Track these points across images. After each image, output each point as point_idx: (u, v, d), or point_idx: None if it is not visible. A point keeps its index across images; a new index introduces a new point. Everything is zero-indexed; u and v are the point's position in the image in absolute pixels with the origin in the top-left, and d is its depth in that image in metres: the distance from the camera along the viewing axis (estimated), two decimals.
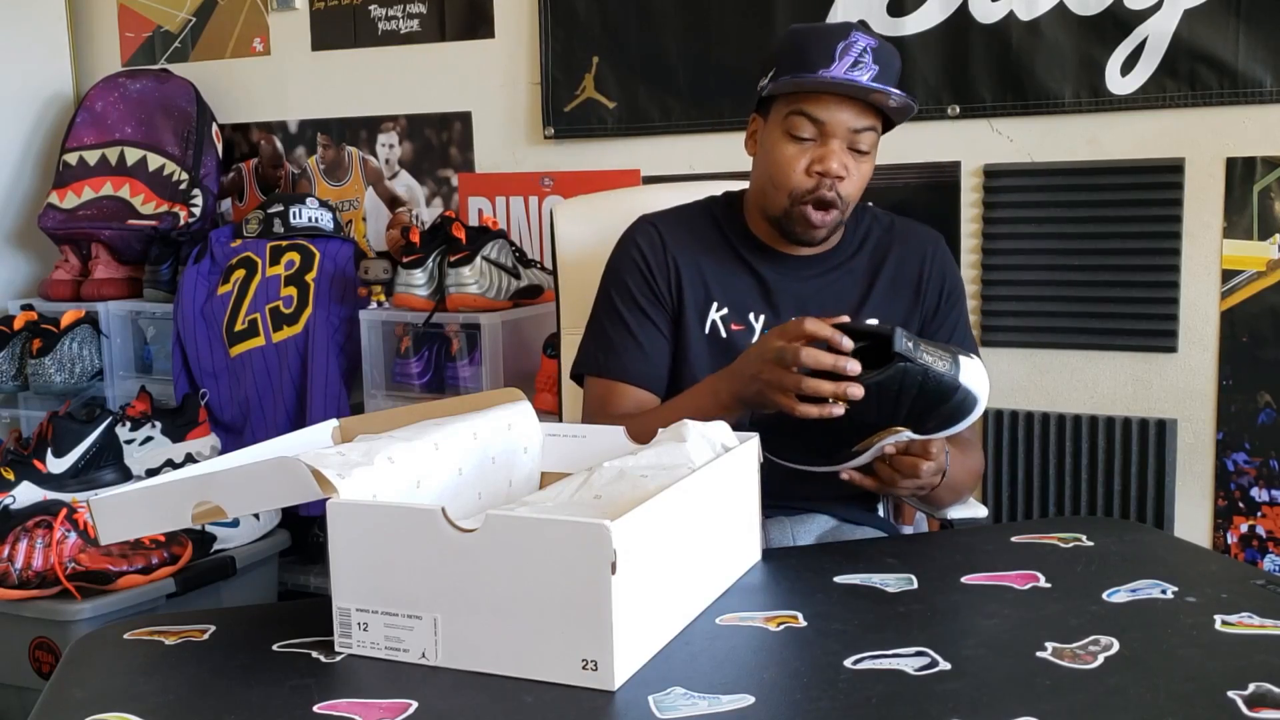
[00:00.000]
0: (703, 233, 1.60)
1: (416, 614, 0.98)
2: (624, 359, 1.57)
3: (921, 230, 1.64)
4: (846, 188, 1.48)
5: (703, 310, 1.56)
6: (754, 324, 1.56)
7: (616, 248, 1.63)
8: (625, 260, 1.60)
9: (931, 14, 2.37)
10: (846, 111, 1.45)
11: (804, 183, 1.48)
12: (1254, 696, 0.88)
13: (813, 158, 1.47)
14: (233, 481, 1.03)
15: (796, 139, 1.47)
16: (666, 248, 1.58)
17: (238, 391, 2.69)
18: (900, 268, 1.59)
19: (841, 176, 1.47)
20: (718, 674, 0.95)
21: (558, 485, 1.13)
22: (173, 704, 0.94)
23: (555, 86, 2.72)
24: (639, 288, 1.57)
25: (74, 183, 2.97)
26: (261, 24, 3.08)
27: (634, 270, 1.58)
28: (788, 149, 1.48)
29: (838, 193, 1.48)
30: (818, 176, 1.47)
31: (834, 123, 1.46)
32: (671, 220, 1.62)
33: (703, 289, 1.57)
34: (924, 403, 1.23)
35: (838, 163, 1.46)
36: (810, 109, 1.46)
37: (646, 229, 1.61)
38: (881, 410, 1.24)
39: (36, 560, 1.99)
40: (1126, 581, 1.14)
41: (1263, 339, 2.21)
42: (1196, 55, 2.18)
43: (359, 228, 3.02)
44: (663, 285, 1.57)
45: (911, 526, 1.91)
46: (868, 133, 1.48)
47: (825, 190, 1.47)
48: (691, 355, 1.56)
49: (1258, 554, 2.25)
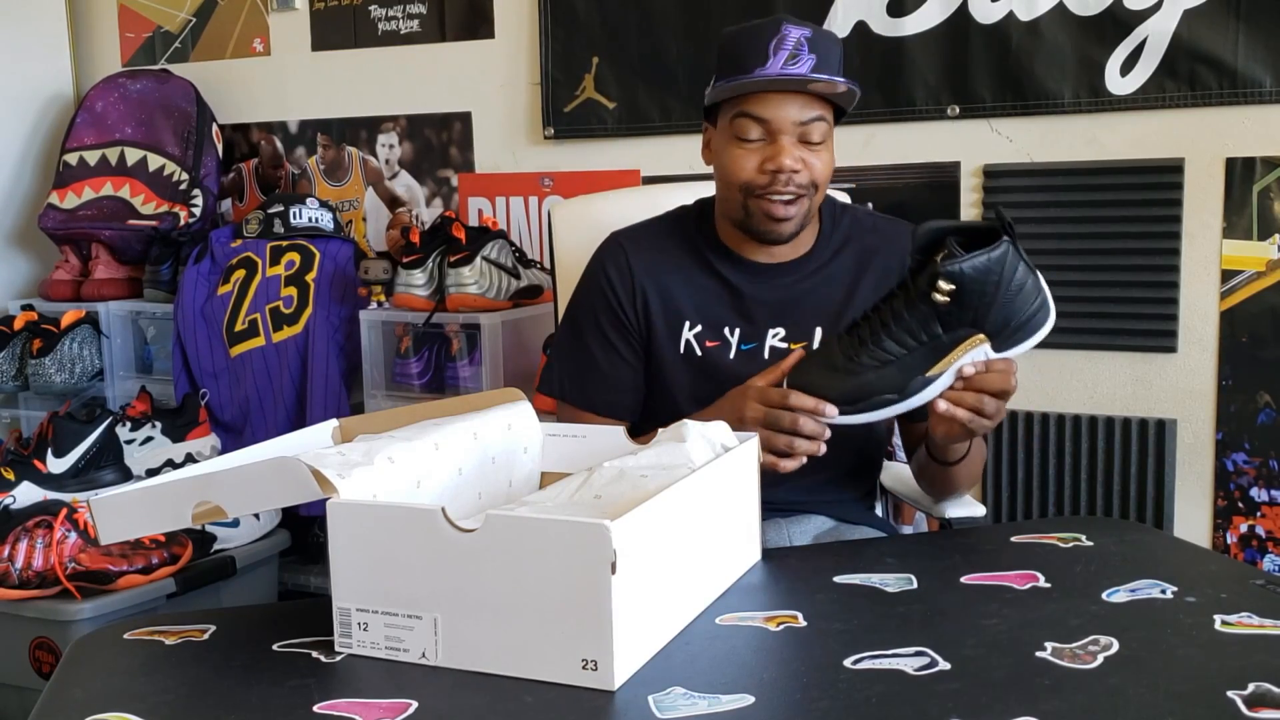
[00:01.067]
0: (673, 249, 1.58)
1: (416, 614, 0.98)
2: (588, 389, 1.57)
3: (905, 230, 1.62)
4: (806, 176, 1.46)
5: (675, 331, 1.55)
6: (729, 339, 1.54)
7: (586, 272, 1.62)
8: (593, 288, 1.59)
9: (931, 14, 2.37)
10: (790, 106, 1.43)
11: (758, 178, 1.45)
12: (1254, 696, 0.88)
13: (763, 157, 1.45)
14: (233, 481, 1.03)
15: (744, 141, 1.46)
16: (634, 273, 1.56)
17: (238, 391, 2.69)
18: (885, 270, 1.56)
19: (796, 170, 1.44)
20: (718, 674, 0.95)
21: (558, 485, 1.13)
22: (173, 704, 0.94)
23: (555, 86, 2.72)
24: (606, 317, 1.57)
25: (74, 183, 2.98)
26: (261, 24, 3.08)
27: (601, 299, 1.57)
28: (736, 151, 1.47)
29: (796, 184, 1.45)
30: (771, 174, 1.45)
31: (778, 119, 1.44)
32: (641, 239, 1.60)
33: (674, 310, 1.55)
34: (1010, 303, 1.21)
35: (790, 159, 1.44)
36: (753, 109, 1.44)
37: (615, 252, 1.59)
38: (972, 305, 1.20)
39: (36, 560, 1.99)
40: (1126, 581, 1.14)
41: (1262, 339, 2.21)
42: (1196, 55, 2.18)
43: (359, 228, 3.02)
44: (630, 313, 1.56)
45: (911, 526, 1.92)
46: (817, 123, 1.45)
47: (781, 185, 1.45)
48: (667, 376, 1.55)
49: (1257, 554, 2.25)
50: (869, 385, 1.25)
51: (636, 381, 1.57)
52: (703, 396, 1.44)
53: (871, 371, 1.24)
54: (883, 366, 1.24)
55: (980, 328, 1.23)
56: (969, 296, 1.20)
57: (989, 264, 1.19)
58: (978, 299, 1.20)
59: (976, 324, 1.22)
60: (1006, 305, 1.21)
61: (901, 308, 1.23)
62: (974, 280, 1.19)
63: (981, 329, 1.23)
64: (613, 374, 1.57)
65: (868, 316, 1.26)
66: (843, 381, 1.25)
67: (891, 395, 1.25)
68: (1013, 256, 1.20)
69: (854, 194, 2.39)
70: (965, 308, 1.21)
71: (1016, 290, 1.21)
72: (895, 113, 2.41)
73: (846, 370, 1.25)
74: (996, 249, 1.19)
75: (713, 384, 1.48)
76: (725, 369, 1.52)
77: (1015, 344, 1.25)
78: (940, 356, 1.24)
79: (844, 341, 1.27)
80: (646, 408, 1.59)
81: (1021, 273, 1.21)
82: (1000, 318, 1.22)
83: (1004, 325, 1.23)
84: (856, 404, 1.26)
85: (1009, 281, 1.20)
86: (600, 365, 1.57)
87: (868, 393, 1.25)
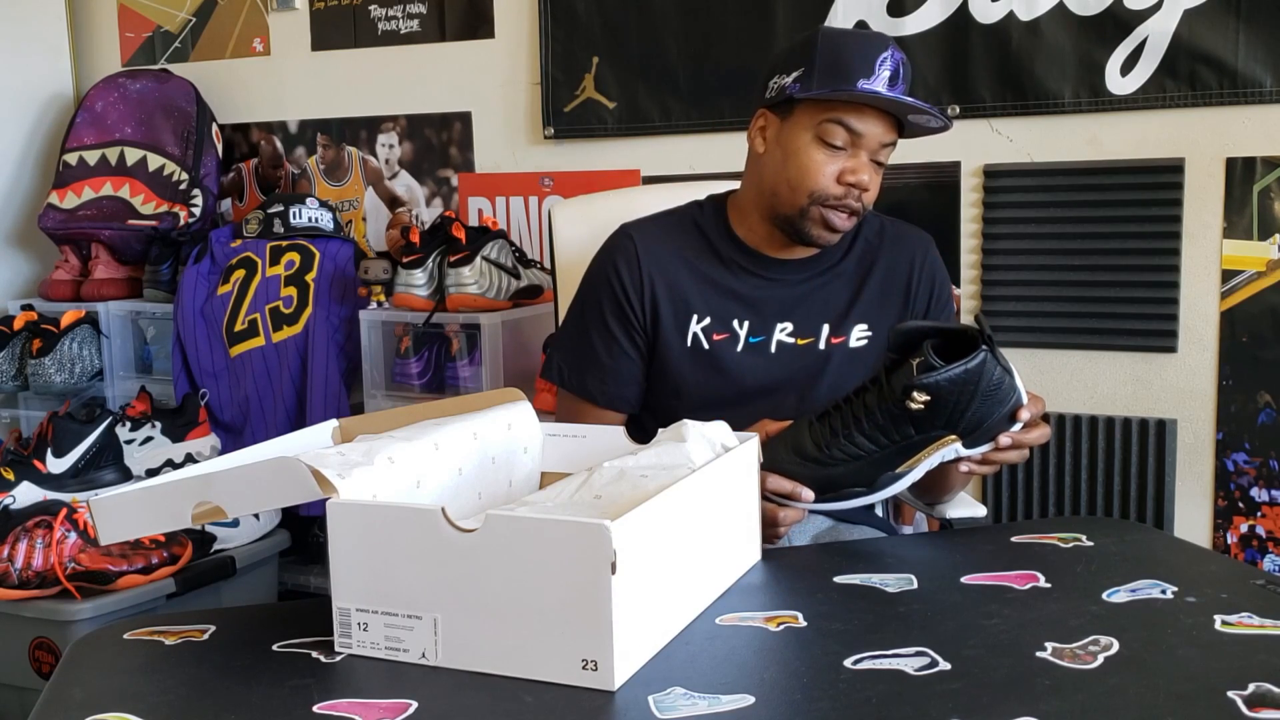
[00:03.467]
0: (683, 241, 1.59)
1: (416, 614, 0.98)
2: (589, 380, 1.58)
3: (912, 233, 1.64)
4: (869, 199, 1.49)
5: (682, 324, 1.55)
6: (738, 331, 1.55)
7: (595, 261, 1.62)
8: (599, 279, 1.60)
9: (931, 14, 2.37)
10: (881, 125, 1.45)
11: (832, 189, 1.47)
12: (1254, 696, 0.88)
13: (844, 168, 1.46)
14: (233, 481, 1.03)
15: (828, 146, 1.46)
16: (642, 264, 1.57)
17: (238, 391, 2.69)
18: (891, 271, 1.58)
19: (868, 189, 1.47)
20: (718, 674, 0.95)
21: (558, 485, 1.13)
22: (173, 704, 0.94)
23: (555, 86, 2.72)
24: (611, 309, 1.57)
25: (74, 183, 2.98)
26: (261, 24, 3.08)
27: (607, 290, 1.58)
28: (817, 155, 1.47)
29: (862, 202, 1.48)
30: (847, 186, 1.46)
31: (869, 135, 1.45)
32: (651, 230, 1.61)
33: (682, 302, 1.56)
34: (984, 405, 1.22)
35: (869, 176, 1.46)
36: (849, 119, 1.45)
37: (624, 244, 1.59)
38: (946, 411, 1.22)
39: (36, 560, 1.99)
40: (1126, 581, 1.14)
41: (1262, 339, 2.21)
42: (1196, 55, 2.18)
43: (359, 228, 3.02)
44: (636, 305, 1.56)
45: (911, 526, 1.91)
46: (890, 148, 1.48)
47: (853, 200, 1.47)
48: (674, 368, 1.56)
49: (1257, 554, 2.25)
50: (839, 479, 1.27)
51: (637, 374, 1.58)
52: (709, 389, 1.45)
53: (842, 465, 1.26)
54: (852, 461, 1.26)
55: (954, 430, 1.24)
56: (943, 405, 1.21)
57: (965, 375, 1.20)
58: (952, 405, 1.22)
59: (950, 426, 1.24)
60: (981, 407, 1.22)
61: (875, 405, 1.24)
62: (949, 391, 1.20)
63: (955, 431, 1.24)
64: (613, 365, 1.57)
65: (839, 407, 1.28)
66: (813, 472, 1.28)
67: (861, 489, 1.28)
68: (990, 364, 1.21)
69: None
70: (939, 414, 1.22)
71: (991, 391, 1.22)
72: None
73: (817, 461, 1.27)
74: (974, 360, 1.20)
75: (720, 377, 1.48)
76: (732, 362, 1.53)
77: (986, 440, 1.26)
78: (910, 455, 1.26)
79: (815, 430, 1.28)
80: (652, 400, 1.59)
81: (998, 375, 1.22)
82: (974, 419, 1.23)
83: (977, 425, 1.24)
84: (825, 494, 1.28)
85: (985, 387, 1.21)
86: (601, 356, 1.57)
87: (837, 485, 1.28)
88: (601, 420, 1.56)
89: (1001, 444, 1.26)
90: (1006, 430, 1.25)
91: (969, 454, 1.26)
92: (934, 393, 1.20)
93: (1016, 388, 1.24)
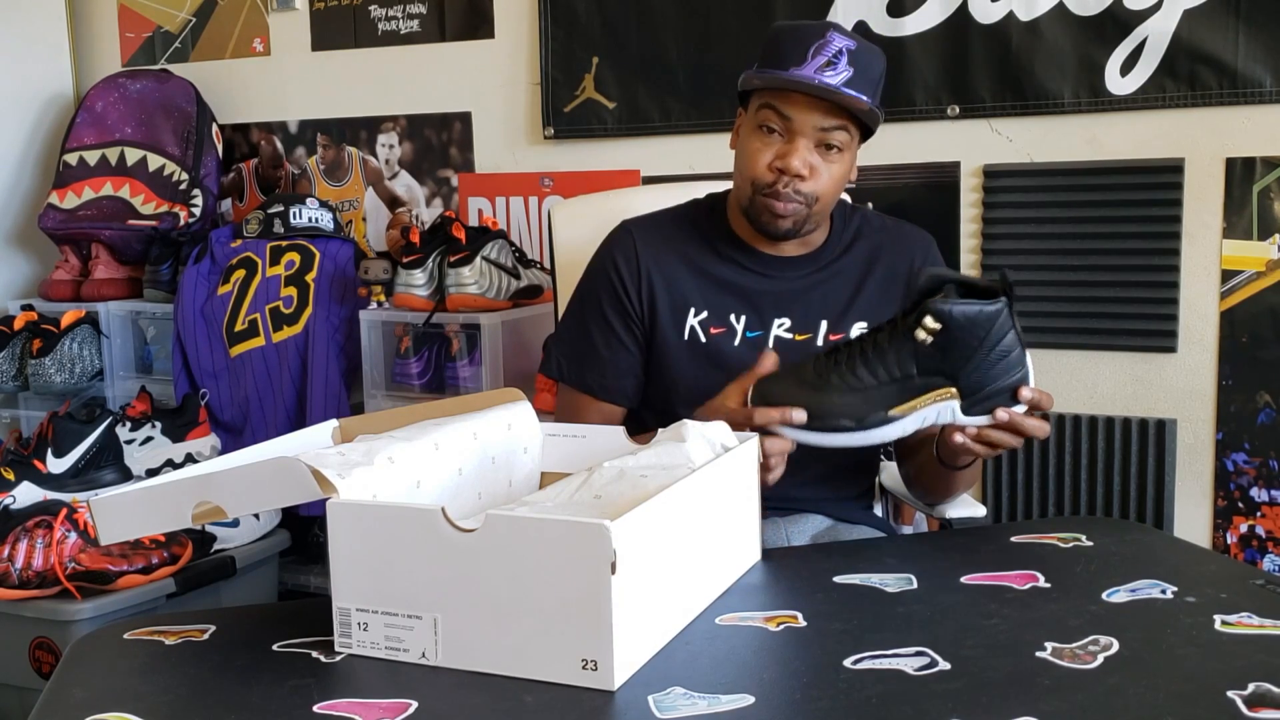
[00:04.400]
0: (682, 237, 1.60)
1: (416, 614, 0.98)
2: (587, 374, 1.59)
3: (913, 232, 1.64)
4: (811, 186, 1.47)
5: (680, 317, 1.56)
6: (735, 325, 1.55)
7: (595, 256, 1.63)
8: (599, 274, 1.61)
9: (931, 14, 2.37)
10: (815, 112, 1.45)
11: (765, 176, 1.48)
12: (1254, 696, 0.88)
13: (776, 153, 1.47)
14: (233, 481, 1.03)
15: (765, 132, 1.48)
16: (640, 258, 1.58)
17: (238, 392, 2.69)
18: (892, 269, 1.59)
19: (803, 175, 1.46)
20: (717, 674, 0.96)
21: (558, 485, 1.13)
22: (173, 704, 0.94)
23: (555, 86, 2.72)
24: (609, 302, 1.58)
25: (74, 183, 2.98)
26: (261, 24, 3.08)
27: (606, 284, 1.59)
28: (755, 142, 1.49)
29: (800, 191, 1.47)
30: (777, 172, 1.47)
31: (800, 120, 1.45)
32: (650, 226, 1.62)
33: (680, 296, 1.56)
34: (990, 367, 1.21)
35: (799, 160, 1.45)
36: (778, 104, 1.46)
37: (623, 238, 1.61)
38: (952, 354, 1.20)
39: (36, 560, 1.99)
40: (1126, 581, 1.14)
41: (1262, 339, 2.21)
42: (1196, 55, 2.18)
43: (359, 228, 3.02)
44: (635, 299, 1.57)
45: (911, 526, 1.92)
46: (838, 131, 1.46)
47: (782, 187, 1.47)
48: (671, 362, 1.56)
49: (1257, 554, 2.25)
50: (830, 406, 1.24)
51: (635, 367, 1.58)
52: (706, 383, 1.45)
53: (836, 393, 1.23)
54: (848, 391, 1.23)
55: (954, 381, 1.22)
56: (952, 343, 1.20)
57: (979, 316, 1.19)
58: (959, 348, 1.20)
59: (952, 376, 1.22)
60: (986, 367, 1.21)
61: (885, 340, 1.23)
62: (960, 326, 1.19)
63: (955, 383, 1.22)
64: (611, 359, 1.58)
65: (850, 342, 1.27)
66: (806, 396, 1.25)
67: (849, 423, 1.24)
68: (1005, 319, 1.20)
69: (853, 194, 2.39)
70: (945, 354, 1.20)
71: (1000, 356, 1.21)
72: (895, 112, 2.41)
73: (813, 386, 1.25)
74: (992, 305, 1.19)
75: (717, 371, 1.49)
76: (730, 356, 1.53)
77: (985, 411, 1.24)
78: (907, 398, 1.23)
79: (819, 361, 1.27)
80: (650, 394, 1.59)
81: (1010, 340, 1.21)
82: (976, 378, 1.22)
83: (978, 388, 1.22)
84: (812, 421, 1.25)
85: (995, 343, 1.20)
86: (599, 349, 1.58)
87: (826, 412, 1.24)
88: (600, 414, 1.57)
89: (999, 418, 1.24)
90: (1006, 406, 1.24)
91: (965, 422, 1.24)
92: (945, 321, 1.18)
93: (1025, 364, 1.23)
